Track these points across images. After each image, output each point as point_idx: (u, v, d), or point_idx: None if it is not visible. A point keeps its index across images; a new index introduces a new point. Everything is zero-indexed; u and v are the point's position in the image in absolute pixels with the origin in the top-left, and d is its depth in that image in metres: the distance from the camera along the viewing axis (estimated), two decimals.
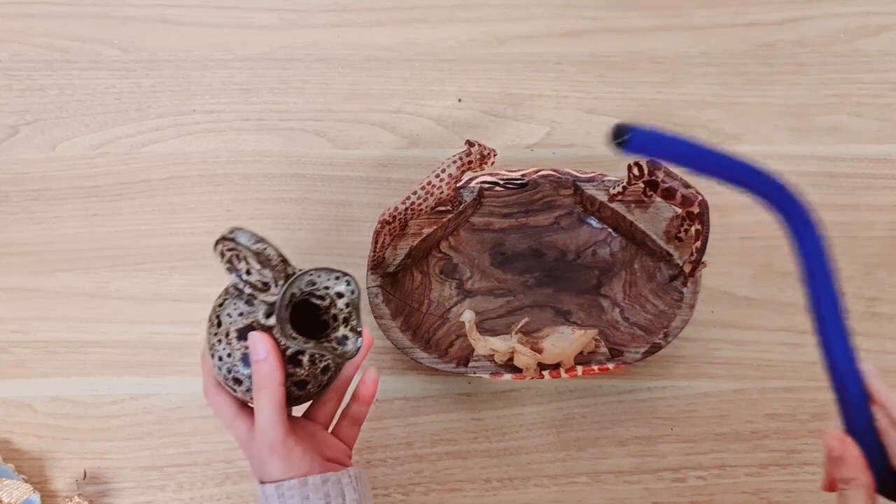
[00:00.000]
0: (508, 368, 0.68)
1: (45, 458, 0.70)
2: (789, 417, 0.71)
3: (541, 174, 0.74)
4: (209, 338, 0.53)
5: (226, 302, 0.53)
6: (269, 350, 0.50)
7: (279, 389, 0.51)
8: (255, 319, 0.51)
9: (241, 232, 0.51)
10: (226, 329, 0.52)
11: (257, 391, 0.51)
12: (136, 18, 0.84)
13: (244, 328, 0.51)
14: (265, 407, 0.51)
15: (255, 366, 0.51)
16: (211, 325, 0.53)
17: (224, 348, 0.52)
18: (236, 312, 0.52)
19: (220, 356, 0.52)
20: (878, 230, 0.77)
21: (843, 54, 0.83)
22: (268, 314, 0.51)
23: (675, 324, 0.69)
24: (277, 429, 0.51)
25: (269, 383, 0.50)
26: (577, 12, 0.84)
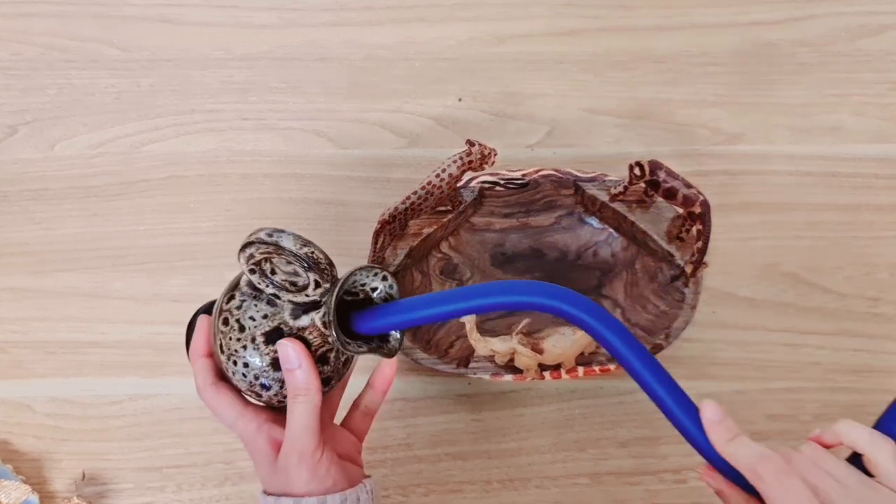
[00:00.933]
0: (509, 369, 0.68)
1: (44, 458, 0.70)
2: (791, 418, 0.71)
3: (541, 174, 0.74)
4: (227, 343, 0.50)
5: (244, 304, 0.50)
6: (303, 357, 0.48)
7: (317, 396, 0.49)
8: (283, 321, 0.49)
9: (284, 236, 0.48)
10: (251, 334, 0.49)
11: (293, 398, 0.49)
12: (135, 18, 0.84)
13: (271, 331, 0.49)
14: (301, 415, 0.49)
15: (289, 374, 0.49)
16: (229, 328, 0.50)
17: (251, 354, 0.49)
18: (259, 315, 0.49)
19: (247, 362, 0.50)
20: (879, 230, 0.77)
21: (845, 54, 0.83)
22: (296, 314, 0.49)
23: (676, 324, 0.69)
24: (311, 437, 0.49)
25: (306, 390, 0.49)
26: (577, 11, 0.84)
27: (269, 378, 0.50)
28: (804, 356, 0.73)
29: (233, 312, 0.50)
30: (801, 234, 0.77)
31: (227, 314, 0.50)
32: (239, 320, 0.50)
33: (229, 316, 0.50)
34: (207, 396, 0.53)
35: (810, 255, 0.76)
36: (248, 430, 0.51)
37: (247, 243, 0.48)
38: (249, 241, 0.48)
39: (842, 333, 0.74)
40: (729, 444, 0.46)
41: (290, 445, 0.49)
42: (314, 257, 0.48)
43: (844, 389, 0.72)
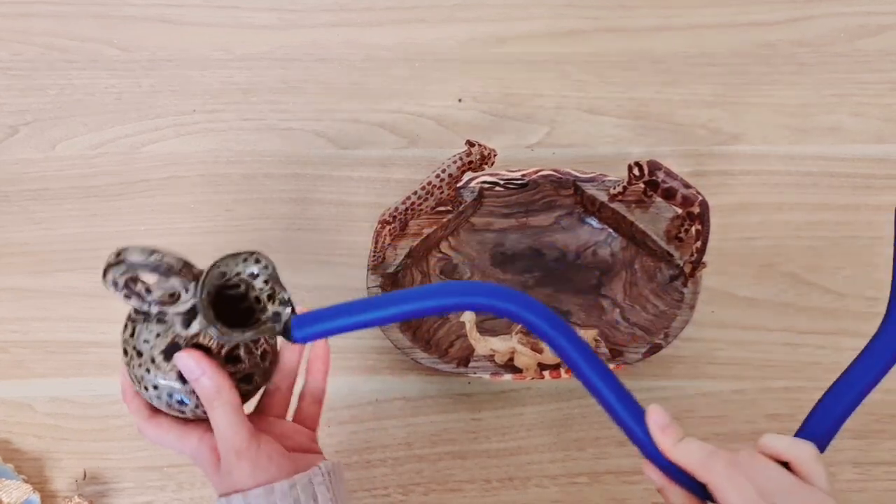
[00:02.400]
0: (508, 368, 0.68)
1: (45, 458, 0.70)
2: (790, 418, 0.71)
3: (541, 174, 0.74)
4: (133, 372, 0.49)
5: (136, 329, 0.49)
6: (203, 363, 0.48)
7: (231, 394, 0.48)
8: (176, 334, 0.48)
9: (129, 251, 0.47)
10: (149, 356, 0.49)
11: (210, 406, 0.48)
12: (135, 18, 0.84)
13: (168, 347, 0.48)
14: (223, 418, 0.48)
15: (197, 384, 0.48)
16: (130, 358, 0.49)
17: (155, 375, 0.49)
18: (153, 335, 0.49)
19: (156, 384, 0.49)
20: (879, 230, 0.77)
21: (844, 54, 0.83)
22: (186, 323, 0.48)
23: (675, 324, 0.69)
24: (241, 433, 0.49)
25: (218, 394, 0.48)
26: (577, 12, 0.84)
27: (183, 392, 0.49)
28: (803, 356, 0.73)
29: (128, 341, 0.50)
30: (800, 234, 0.77)
31: (124, 345, 0.50)
32: (135, 347, 0.49)
33: (126, 346, 0.50)
34: (148, 431, 0.52)
35: (809, 255, 0.76)
36: (191, 445, 0.51)
37: (104, 271, 0.47)
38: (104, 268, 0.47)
39: (841, 333, 0.74)
40: (677, 447, 0.47)
41: (225, 447, 0.49)
42: (166, 263, 0.47)
43: None
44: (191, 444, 0.51)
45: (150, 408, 0.52)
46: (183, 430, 0.51)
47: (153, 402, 0.50)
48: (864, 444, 0.70)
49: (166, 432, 0.51)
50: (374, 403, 0.72)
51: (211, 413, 0.49)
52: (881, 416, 0.71)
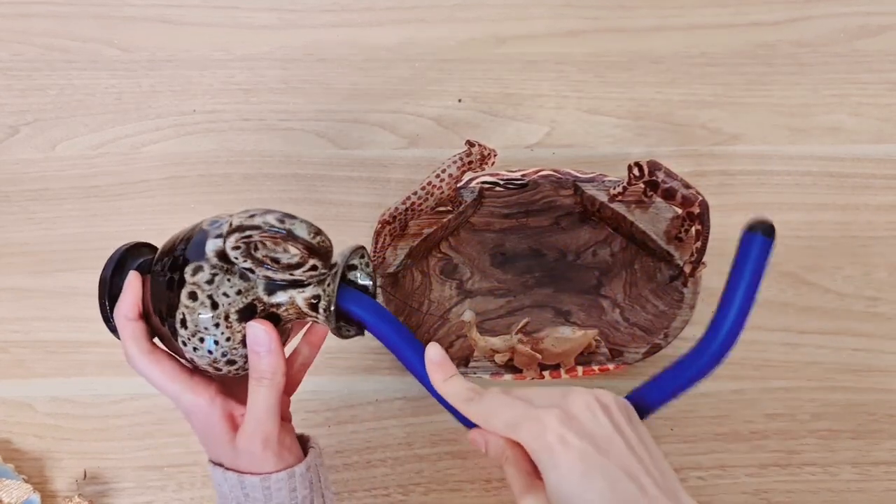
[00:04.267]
0: (509, 369, 0.68)
1: (45, 458, 0.70)
2: (789, 417, 0.71)
3: (541, 174, 0.74)
4: (195, 318, 0.47)
5: (216, 278, 0.46)
6: (274, 341, 0.47)
7: (282, 379, 0.48)
8: (257, 297, 0.47)
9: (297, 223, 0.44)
10: (224, 311, 0.46)
11: (257, 381, 0.47)
12: (136, 18, 0.84)
13: (245, 308, 0.47)
14: (265, 399, 0.47)
15: (256, 356, 0.47)
16: (199, 304, 0.46)
17: (223, 331, 0.47)
18: (233, 291, 0.46)
19: (217, 340, 0.47)
20: (878, 230, 0.77)
21: (843, 54, 0.83)
22: (269, 290, 0.47)
23: (675, 324, 0.69)
24: (275, 422, 0.48)
25: (273, 374, 0.47)
26: (577, 12, 0.84)
27: (238, 354, 0.48)
28: (803, 356, 0.73)
29: (202, 287, 0.46)
30: (800, 234, 0.77)
31: (193, 288, 0.46)
32: (211, 296, 0.46)
33: (197, 290, 0.46)
34: (145, 366, 0.49)
35: (809, 255, 0.76)
36: (198, 402, 0.48)
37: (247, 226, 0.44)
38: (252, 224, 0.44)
39: (841, 333, 0.74)
40: (445, 383, 0.47)
41: (254, 429, 0.48)
42: (324, 246, 0.46)
43: (843, 389, 0.72)
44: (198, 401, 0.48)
45: (150, 338, 0.49)
46: (192, 381, 0.49)
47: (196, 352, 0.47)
48: (864, 444, 0.70)
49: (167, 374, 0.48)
50: (374, 403, 0.72)
51: (256, 389, 0.47)
52: (880, 416, 0.71)
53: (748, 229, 0.43)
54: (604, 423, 0.43)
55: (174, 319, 0.47)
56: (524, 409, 0.44)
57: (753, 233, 0.43)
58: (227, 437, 0.49)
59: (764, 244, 0.43)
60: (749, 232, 0.43)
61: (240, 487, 0.49)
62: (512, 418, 0.44)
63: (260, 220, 0.44)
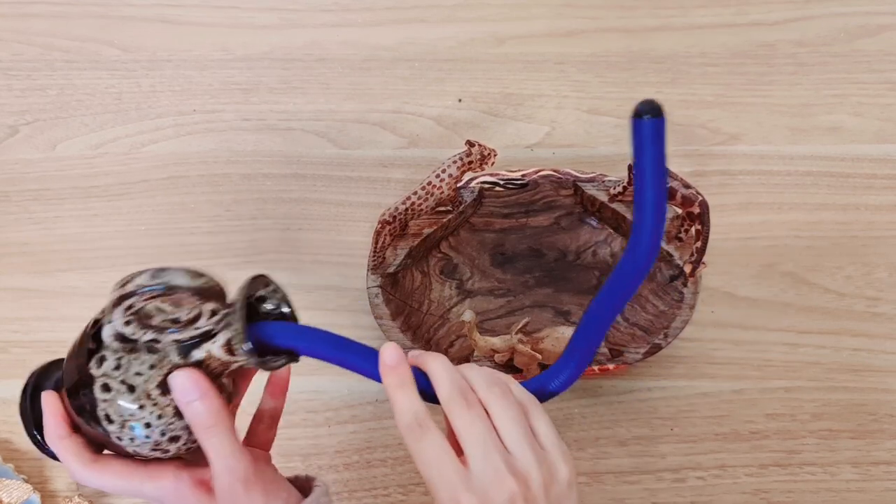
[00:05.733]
0: (509, 369, 0.68)
1: (45, 458, 0.70)
2: (789, 417, 0.71)
3: (541, 174, 0.74)
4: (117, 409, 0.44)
5: (121, 362, 0.44)
6: (200, 383, 0.43)
7: (229, 419, 0.44)
8: (172, 364, 0.44)
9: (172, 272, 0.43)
10: (143, 390, 0.43)
11: (205, 433, 0.44)
12: (135, 18, 0.84)
13: (163, 380, 0.44)
14: (221, 444, 0.44)
15: (191, 408, 0.43)
16: (115, 393, 0.44)
17: (151, 411, 0.44)
18: (146, 367, 0.44)
19: (149, 422, 0.44)
20: (879, 230, 0.77)
21: (843, 54, 0.83)
22: (183, 353, 0.44)
23: (675, 324, 0.69)
24: (244, 459, 0.44)
25: (216, 419, 0.43)
26: (577, 12, 0.84)
27: (178, 427, 0.45)
28: (803, 356, 0.73)
29: (111, 375, 0.44)
30: (800, 234, 0.77)
31: (104, 380, 0.44)
32: (125, 381, 0.44)
33: (109, 381, 0.44)
34: (93, 476, 0.46)
35: (809, 255, 0.76)
36: (164, 486, 0.45)
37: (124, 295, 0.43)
38: (127, 291, 0.43)
39: (841, 333, 0.74)
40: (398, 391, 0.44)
41: (228, 479, 0.44)
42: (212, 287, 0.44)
43: (843, 389, 0.72)
44: (163, 485, 0.45)
45: (91, 449, 0.46)
46: (147, 470, 0.46)
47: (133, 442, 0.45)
48: (864, 444, 0.70)
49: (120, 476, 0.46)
50: (374, 403, 0.72)
51: (208, 442, 0.44)
52: (880, 416, 0.71)
53: (635, 115, 0.39)
54: None
55: (99, 420, 0.45)
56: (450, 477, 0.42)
57: (641, 119, 0.38)
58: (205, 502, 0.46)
59: (654, 126, 0.39)
60: (637, 119, 0.39)
61: None
62: (436, 479, 0.42)
63: (132, 285, 0.43)
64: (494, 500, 0.42)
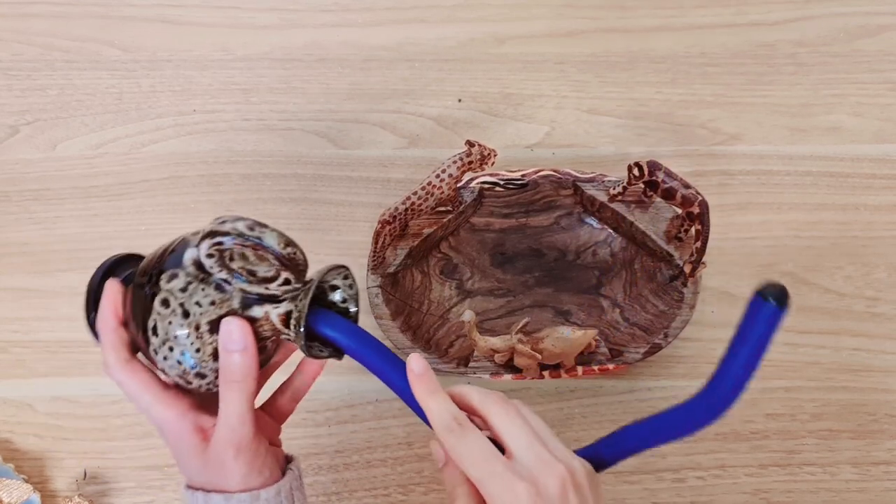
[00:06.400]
0: (508, 369, 0.68)
1: (46, 457, 0.70)
2: (789, 417, 0.71)
3: (541, 174, 0.74)
4: (165, 326, 0.45)
5: (190, 287, 0.45)
6: (249, 340, 0.45)
7: (253, 384, 0.45)
8: (231, 309, 0.45)
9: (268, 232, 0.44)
10: (195, 321, 0.45)
11: (228, 385, 0.45)
12: (136, 18, 0.84)
13: (217, 319, 0.45)
14: (238, 404, 0.45)
15: (228, 357, 0.45)
16: (170, 311, 0.45)
17: (193, 342, 0.45)
18: (207, 301, 0.45)
19: (185, 350, 0.45)
20: (878, 230, 0.77)
21: (843, 54, 0.83)
22: (245, 304, 0.45)
23: (675, 324, 0.69)
24: (248, 428, 0.46)
25: (244, 377, 0.45)
26: (577, 12, 0.84)
27: (208, 368, 0.46)
28: (803, 356, 0.73)
29: (175, 294, 0.45)
30: (799, 234, 0.77)
31: (167, 295, 0.45)
32: (183, 304, 0.45)
33: (170, 298, 0.45)
34: (121, 376, 0.47)
35: (809, 255, 0.76)
36: (168, 416, 0.47)
37: (219, 232, 0.44)
38: (223, 230, 0.44)
39: (840, 333, 0.74)
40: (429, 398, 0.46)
41: (226, 437, 0.46)
42: (295, 259, 0.45)
43: (843, 389, 0.72)
44: (167, 415, 0.47)
45: (129, 348, 0.48)
46: (163, 393, 0.47)
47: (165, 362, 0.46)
48: (864, 444, 0.70)
49: (141, 385, 0.47)
50: (374, 403, 0.72)
51: (227, 394, 0.45)
52: (880, 416, 0.71)
53: (759, 293, 0.38)
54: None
55: (146, 327, 0.46)
56: (500, 469, 0.43)
57: (765, 300, 0.38)
58: (196, 451, 0.47)
59: (774, 314, 0.38)
60: (759, 297, 0.38)
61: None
62: (486, 474, 0.43)
63: (230, 226, 0.45)
64: (548, 486, 0.43)
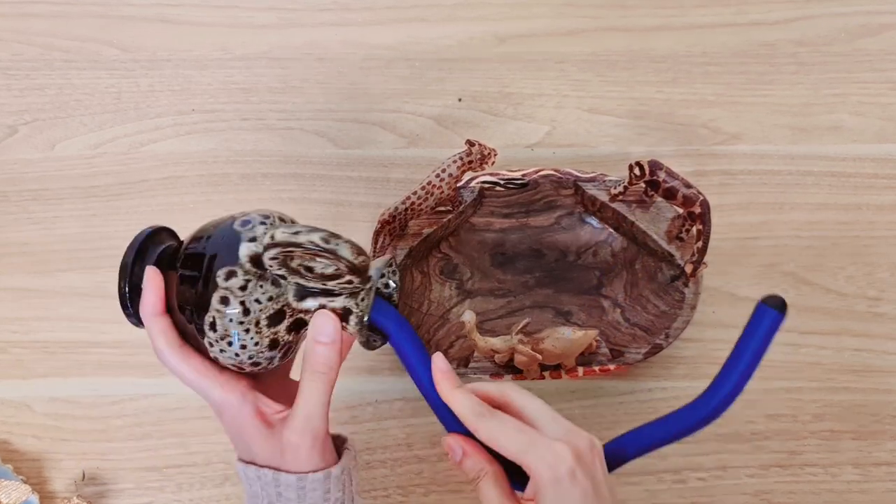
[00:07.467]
0: (509, 369, 0.68)
1: (44, 458, 0.70)
2: (791, 418, 0.71)
3: (541, 174, 0.74)
4: (224, 323, 0.47)
5: (248, 285, 0.46)
6: (338, 334, 0.47)
7: (335, 376, 0.48)
8: (286, 303, 0.47)
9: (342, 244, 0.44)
10: (255, 318, 0.47)
11: (312, 374, 0.47)
12: (135, 18, 0.84)
13: (275, 314, 0.47)
14: (320, 394, 0.47)
15: (317, 347, 0.47)
16: (230, 308, 0.46)
17: (252, 337, 0.47)
18: (265, 297, 0.47)
19: (245, 344, 0.47)
20: (880, 230, 0.77)
21: (844, 53, 0.83)
22: (299, 296, 0.47)
23: (676, 324, 0.69)
24: (325, 420, 0.48)
25: (329, 368, 0.47)
26: (577, 11, 0.84)
27: (263, 357, 0.48)
28: (804, 356, 0.73)
29: (235, 293, 0.46)
30: (801, 234, 0.77)
31: (226, 293, 0.46)
32: (243, 302, 0.46)
33: (230, 296, 0.46)
34: (175, 361, 0.48)
35: (811, 255, 0.76)
36: (230, 400, 0.48)
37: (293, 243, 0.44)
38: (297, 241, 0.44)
39: (842, 333, 0.73)
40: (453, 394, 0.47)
41: (305, 425, 0.47)
42: (366, 266, 0.46)
43: (844, 389, 0.72)
44: (229, 398, 0.48)
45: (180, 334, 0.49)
46: (221, 377, 0.48)
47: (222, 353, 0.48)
48: (866, 445, 0.70)
49: (197, 371, 0.48)
50: (374, 404, 0.72)
51: (310, 384, 0.47)
52: (882, 417, 0.71)
53: (763, 301, 0.46)
54: (599, 470, 0.45)
55: (203, 321, 0.47)
56: (536, 436, 0.45)
57: (767, 305, 0.46)
58: (261, 433, 0.48)
59: (775, 318, 0.46)
60: (763, 304, 0.46)
61: (274, 485, 0.48)
62: (524, 443, 0.45)
63: (305, 237, 0.44)
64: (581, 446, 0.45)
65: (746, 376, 0.46)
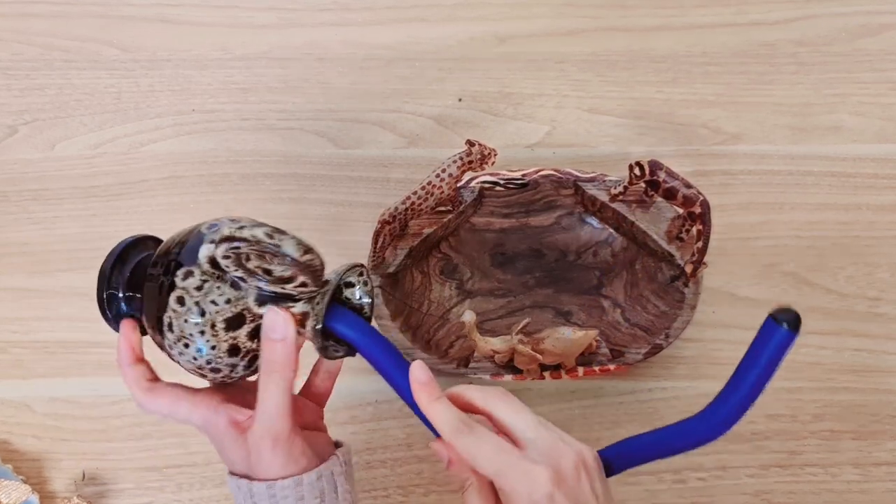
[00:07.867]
0: (509, 369, 0.68)
1: (44, 458, 0.70)
2: (791, 418, 0.71)
3: (541, 174, 0.74)
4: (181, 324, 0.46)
5: (206, 285, 0.45)
6: (290, 329, 0.46)
7: (291, 374, 0.46)
8: (246, 307, 0.46)
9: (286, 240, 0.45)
10: (211, 319, 0.45)
11: (267, 374, 0.46)
12: (135, 18, 0.84)
13: (233, 318, 0.46)
14: (276, 394, 0.46)
15: (270, 345, 0.46)
16: (186, 310, 0.46)
17: (208, 340, 0.46)
18: (222, 299, 0.45)
19: (200, 348, 0.46)
20: (880, 230, 0.77)
21: (845, 53, 0.83)
22: (260, 301, 0.46)
23: (676, 324, 0.69)
24: (285, 420, 0.46)
25: (283, 366, 0.46)
26: (577, 11, 0.84)
27: (223, 363, 0.47)
28: (804, 356, 0.73)
29: (191, 293, 0.45)
30: (801, 234, 0.77)
31: (182, 293, 0.46)
32: (199, 303, 0.45)
33: (185, 296, 0.46)
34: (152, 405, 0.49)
35: (811, 255, 0.76)
36: (205, 414, 0.48)
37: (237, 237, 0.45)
38: (242, 236, 0.45)
39: (842, 333, 0.73)
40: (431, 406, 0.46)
41: (264, 428, 0.46)
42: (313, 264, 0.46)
43: (845, 389, 0.72)
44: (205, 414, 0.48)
45: (148, 378, 0.50)
46: (195, 398, 0.48)
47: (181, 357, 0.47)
48: (866, 445, 0.70)
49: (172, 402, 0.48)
50: (373, 404, 0.71)
51: (266, 384, 0.46)
52: (882, 417, 0.71)
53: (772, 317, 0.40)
54: (585, 489, 0.44)
55: (161, 322, 0.47)
56: (515, 459, 0.44)
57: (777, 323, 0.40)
58: (234, 441, 0.48)
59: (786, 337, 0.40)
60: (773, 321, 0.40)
61: (249, 495, 0.48)
62: (502, 465, 0.44)
63: (248, 232, 0.45)
64: (564, 468, 0.44)
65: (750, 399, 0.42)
